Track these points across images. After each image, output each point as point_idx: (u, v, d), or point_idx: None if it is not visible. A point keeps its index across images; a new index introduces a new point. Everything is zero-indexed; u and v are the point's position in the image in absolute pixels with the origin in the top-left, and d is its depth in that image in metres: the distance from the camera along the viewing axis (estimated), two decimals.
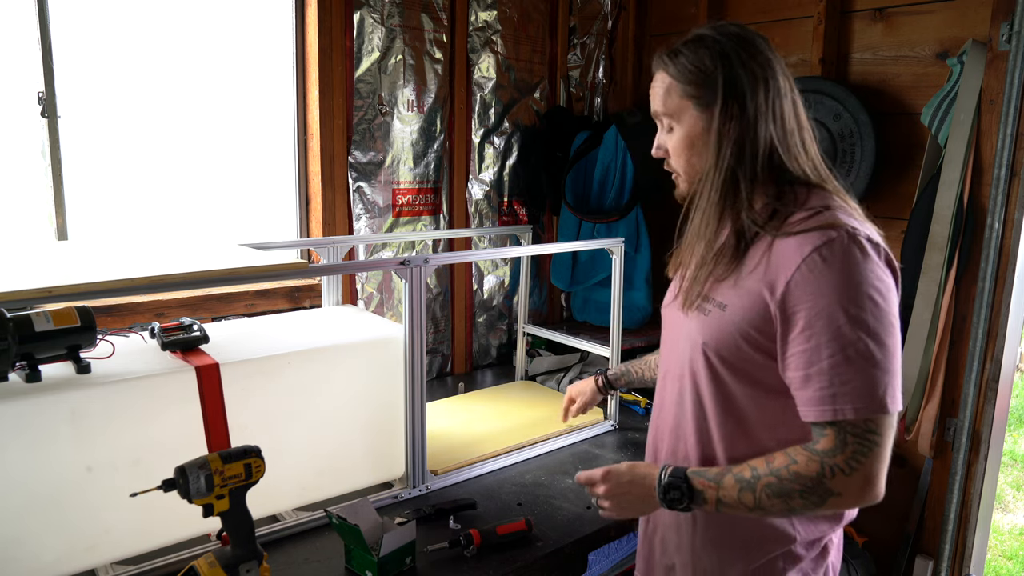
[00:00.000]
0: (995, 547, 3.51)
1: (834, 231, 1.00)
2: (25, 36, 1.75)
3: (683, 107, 1.12)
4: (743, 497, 1.04)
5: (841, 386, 0.97)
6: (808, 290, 0.99)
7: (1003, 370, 2.05)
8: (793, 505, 1.02)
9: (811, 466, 1.00)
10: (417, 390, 1.62)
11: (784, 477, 1.01)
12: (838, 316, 0.97)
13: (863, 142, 2.19)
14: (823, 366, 0.98)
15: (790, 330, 1.01)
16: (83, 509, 1.27)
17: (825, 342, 0.98)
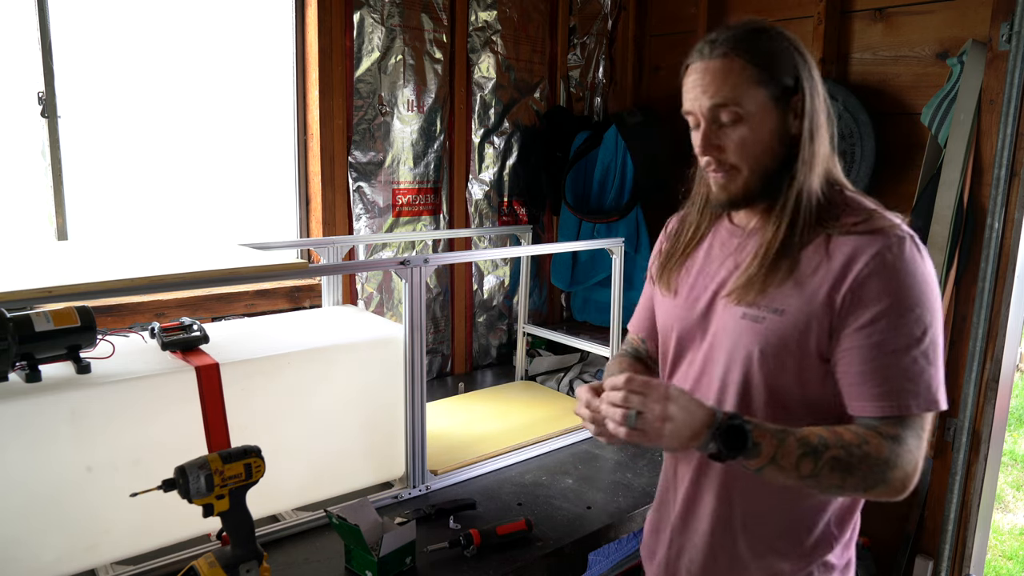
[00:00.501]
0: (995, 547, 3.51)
1: (897, 232, 1.01)
2: (25, 36, 1.75)
3: (756, 95, 1.02)
4: (802, 464, 0.96)
5: (906, 383, 0.98)
6: (875, 288, 0.99)
7: (1003, 370, 2.05)
8: (847, 483, 0.98)
9: (882, 450, 0.97)
10: (417, 390, 1.62)
11: (855, 455, 0.97)
12: (904, 315, 0.98)
13: (863, 142, 2.19)
14: (887, 362, 0.98)
15: (851, 325, 1.00)
16: (83, 509, 1.27)
17: (891, 339, 0.98)
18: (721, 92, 1.02)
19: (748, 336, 1.07)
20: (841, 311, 1.01)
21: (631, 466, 1.84)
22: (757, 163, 1.05)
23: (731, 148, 1.05)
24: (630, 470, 1.82)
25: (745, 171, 1.06)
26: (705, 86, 1.03)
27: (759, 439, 0.96)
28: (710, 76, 1.03)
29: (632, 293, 2.70)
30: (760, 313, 1.06)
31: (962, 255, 2.04)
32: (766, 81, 1.02)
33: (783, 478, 0.98)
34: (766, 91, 1.03)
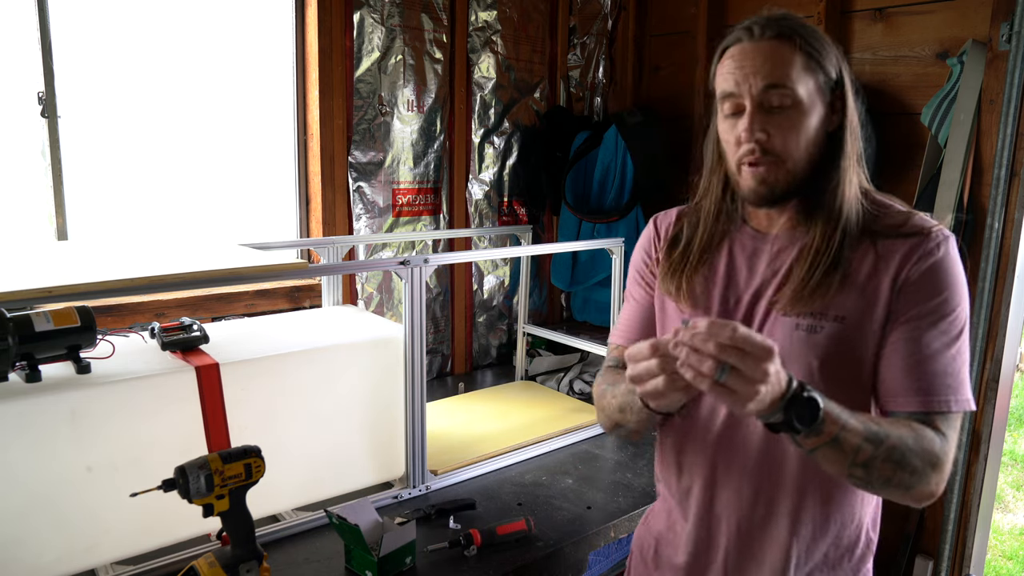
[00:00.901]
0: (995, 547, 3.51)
1: (942, 232, 1.01)
2: (25, 36, 1.75)
3: (805, 83, 0.98)
4: (862, 448, 0.90)
5: (948, 379, 0.97)
6: (927, 283, 0.98)
7: (1003, 370, 2.05)
8: (896, 476, 0.93)
9: (934, 445, 0.95)
10: (417, 390, 1.62)
11: (912, 448, 0.93)
12: (949, 313, 0.98)
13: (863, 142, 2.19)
14: (933, 358, 0.97)
15: (899, 318, 0.99)
16: (83, 509, 1.27)
17: (937, 335, 0.97)
18: (775, 73, 0.97)
19: (804, 348, 1.01)
20: (893, 306, 0.99)
21: (631, 466, 1.84)
22: (802, 154, 1.01)
23: (778, 135, 0.99)
24: (630, 470, 1.82)
25: (789, 162, 1.00)
26: (757, 66, 0.98)
27: (827, 414, 0.89)
28: (762, 57, 0.98)
29: None
30: (817, 323, 1.00)
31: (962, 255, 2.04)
32: (815, 69, 0.99)
33: (834, 463, 0.92)
34: (814, 80, 0.99)
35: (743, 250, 1.10)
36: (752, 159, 1.00)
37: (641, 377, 0.90)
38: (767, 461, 1.06)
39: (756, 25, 0.99)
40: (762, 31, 0.99)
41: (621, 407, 1.07)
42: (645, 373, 0.89)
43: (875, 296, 1.00)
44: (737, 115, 1.01)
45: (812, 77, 0.99)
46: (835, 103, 1.03)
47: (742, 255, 1.10)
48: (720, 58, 1.03)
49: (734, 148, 1.03)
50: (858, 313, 1.00)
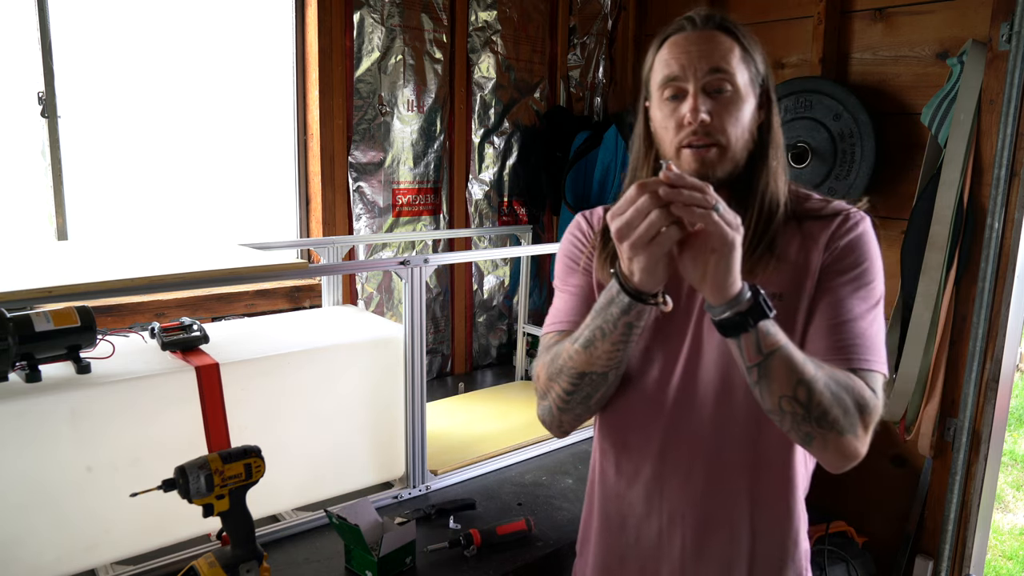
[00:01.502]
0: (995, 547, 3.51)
1: (861, 212, 1.08)
2: (25, 36, 1.75)
3: (743, 74, 1.03)
4: (805, 366, 0.92)
5: (869, 341, 1.01)
6: (852, 252, 1.04)
7: (1003, 370, 2.05)
8: (833, 414, 0.93)
9: (864, 392, 0.96)
10: (417, 390, 1.62)
11: (846, 384, 0.94)
12: (871, 282, 1.04)
13: (863, 142, 2.19)
14: (857, 319, 1.01)
15: (827, 282, 1.03)
16: (83, 509, 1.27)
17: (861, 301, 1.03)
18: (718, 59, 1.02)
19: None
20: (821, 277, 1.05)
21: None
22: (739, 140, 1.04)
23: (718, 118, 1.02)
24: None
25: (728, 146, 1.03)
26: (703, 52, 1.02)
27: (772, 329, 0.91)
28: (706, 43, 1.02)
29: None
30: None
31: (962, 255, 2.04)
32: (749, 63, 1.05)
33: (781, 379, 0.92)
34: (748, 72, 1.04)
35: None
36: (695, 139, 1.02)
37: (632, 222, 0.87)
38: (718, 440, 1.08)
39: (697, 16, 1.05)
40: (704, 22, 1.04)
41: (588, 341, 1.01)
42: (636, 215, 0.87)
43: (806, 271, 1.05)
44: (678, 99, 1.04)
45: (747, 69, 1.04)
46: (762, 99, 1.07)
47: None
48: (659, 47, 1.07)
49: (675, 131, 1.04)
50: (793, 288, 1.04)
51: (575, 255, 1.20)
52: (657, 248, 0.88)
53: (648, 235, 0.86)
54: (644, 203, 0.86)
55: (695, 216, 0.85)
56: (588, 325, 1.02)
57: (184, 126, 2.04)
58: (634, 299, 0.94)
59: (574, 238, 1.21)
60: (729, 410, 1.07)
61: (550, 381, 1.09)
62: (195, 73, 2.04)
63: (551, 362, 1.09)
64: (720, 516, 1.09)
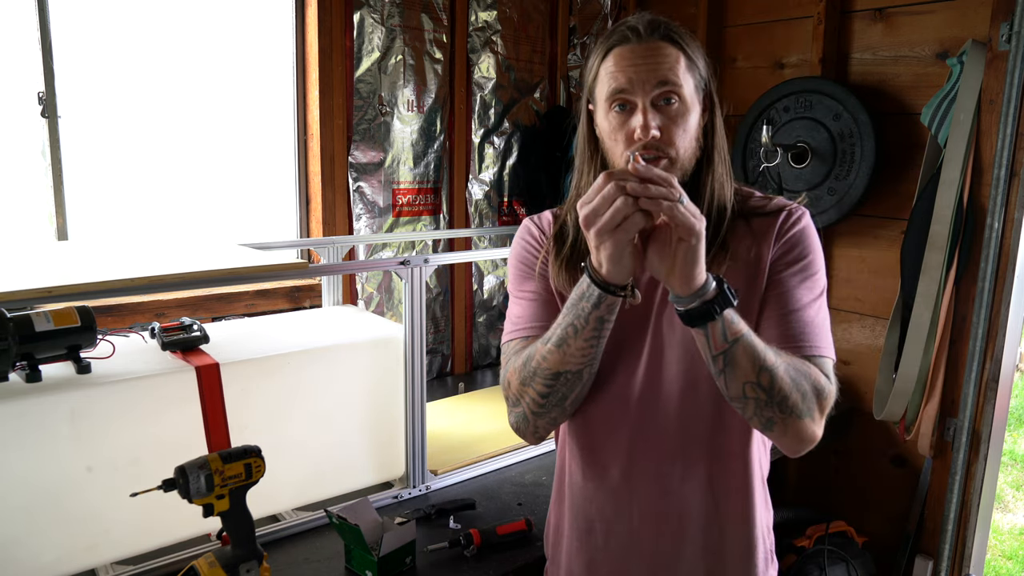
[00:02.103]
0: (995, 547, 3.51)
1: (801, 207, 1.12)
2: (25, 36, 1.75)
3: (688, 84, 1.03)
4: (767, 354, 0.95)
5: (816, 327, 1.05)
6: (797, 246, 1.08)
7: (1003, 370, 2.05)
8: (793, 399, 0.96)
9: (819, 377, 1.01)
10: (417, 390, 1.62)
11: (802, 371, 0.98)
12: (815, 273, 1.08)
13: (863, 142, 2.19)
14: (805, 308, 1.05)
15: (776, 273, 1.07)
16: (83, 509, 1.27)
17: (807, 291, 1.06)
18: (665, 72, 1.01)
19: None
20: (770, 268, 1.08)
21: None
22: (687, 150, 1.05)
23: (667, 131, 1.02)
24: None
25: (678, 158, 1.03)
26: (650, 66, 1.01)
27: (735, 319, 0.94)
28: (653, 56, 1.02)
29: None
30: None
31: (962, 255, 2.04)
32: (693, 70, 1.05)
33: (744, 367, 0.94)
34: (693, 80, 1.05)
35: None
36: (645, 153, 1.01)
37: (598, 209, 0.89)
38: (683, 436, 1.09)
39: (640, 26, 1.03)
40: (648, 32, 1.03)
41: (560, 339, 1.01)
42: (603, 202, 0.88)
43: (758, 268, 1.08)
44: (625, 110, 1.03)
45: (692, 77, 1.05)
46: (706, 102, 1.09)
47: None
48: (604, 57, 1.05)
49: (625, 144, 1.04)
50: (747, 285, 1.07)
51: (529, 260, 1.19)
52: (623, 234, 0.89)
53: (614, 222, 0.88)
54: (610, 190, 0.88)
55: (662, 208, 0.87)
56: (559, 324, 1.03)
57: (184, 126, 2.04)
58: (604, 291, 0.96)
59: (526, 243, 1.20)
60: (694, 405, 1.09)
61: (523, 386, 1.08)
62: (195, 73, 2.04)
63: (523, 366, 1.08)
64: (688, 512, 1.11)
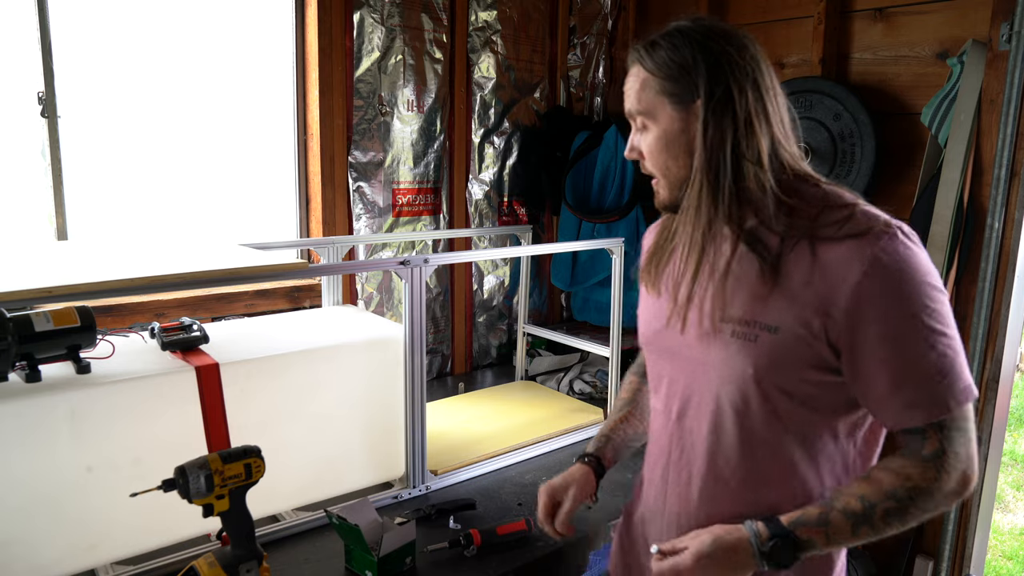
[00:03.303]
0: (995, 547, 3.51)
1: (886, 228, 0.95)
2: (25, 36, 1.75)
3: (658, 104, 1.03)
4: (859, 532, 0.95)
5: (936, 385, 0.93)
6: (880, 296, 0.93)
7: (1003, 370, 2.05)
8: (910, 520, 0.96)
9: (928, 475, 0.94)
10: (417, 390, 1.62)
11: (903, 497, 0.94)
12: (917, 316, 0.93)
13: (863, 142, 2.19)
14: (914, 370, 0.93)
15: (864, 338, 0.94)
16: (83, 509, 1.27)
17: (911, 345, 0.93)
18: (630, 100, 1.06)
19: (740, 356, 1.00)
20: (847, 329, 0.95)
21: (631, 466, 1.84)
22: (668, 170, 1.05)
23: (647, 155, 1.07)
24: (630, 470, 1.82)
25: (664, 176, 1.06)
26: (626, 92, 1.07)
27: (807, 536, 0.95)
28: (628, 82, 1.07)
29: (632, 293, 2.70)
30: (751, 331, 0.99)
31: (962, 255, 2.04)
32: (667, 91, 1.02)
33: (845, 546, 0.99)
34: (668, 100, 1.02)
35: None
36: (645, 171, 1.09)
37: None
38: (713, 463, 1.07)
39: (632, 50, 1.07)
40: (632, 57, 1.07)
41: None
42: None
43: (810, 306, 0.96)
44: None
45: (664, 98, 1.02)
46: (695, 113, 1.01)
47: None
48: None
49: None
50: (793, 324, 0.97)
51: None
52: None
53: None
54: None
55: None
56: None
57: (184, 126, 2.04)
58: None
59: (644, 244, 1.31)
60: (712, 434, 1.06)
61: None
62: (195, 73, 2.04)
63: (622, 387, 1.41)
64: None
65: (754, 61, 1.01)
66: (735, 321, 1.00)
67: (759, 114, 1.00)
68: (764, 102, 1.01)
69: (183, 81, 2.02)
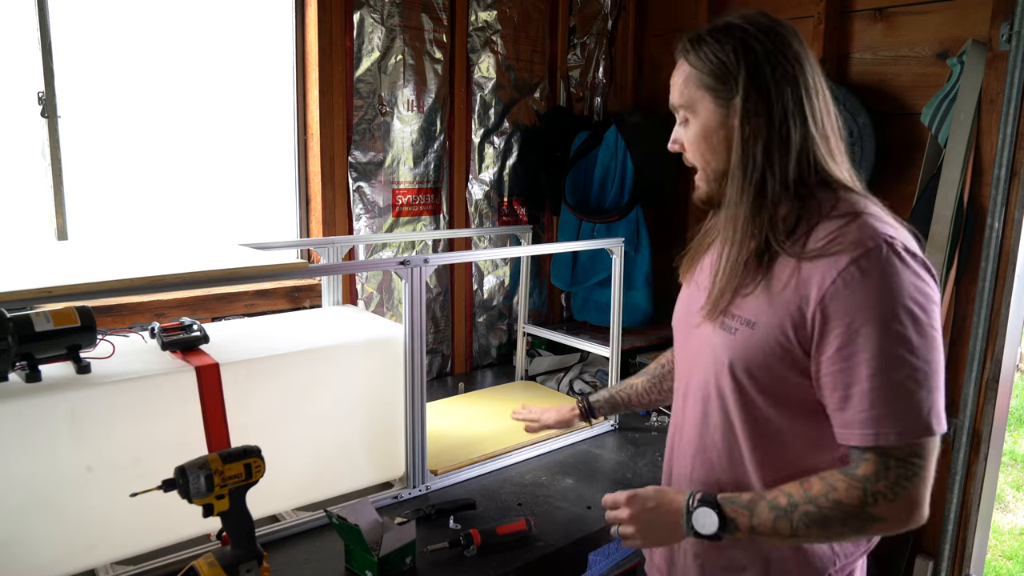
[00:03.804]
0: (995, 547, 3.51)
1: (871, 241, 0.94)
2: (25, 36, 1.75)
3: (699, 98, 1.06)
4: (779, 526, 0.98)
5: (883, 407, 0.91)
6: (845, 304, 0.92)
7: (1003, 370, 2.05)
8: (832, 533, 0.98)
9: (852, 493, 0.94)
10: (417, 390, 1.62)
11: (823, 505, 0.96)
12: (879, 332, 0.91)
13: (863, 142, 2.19)
14: (864, 387, 0.92)
15: (826, 347, 0.95)
16: (83, 509, 1.27)
17: (865, 360, 0.91)
18: (674, 93, 1.10)
19: (723, 346, 1.06)
20: (813, 332, 0.96)
21: (631, 466, 1.84)
22: (706, 164, 1.09)
23: (688, 147, 1.11)
24: (630, 470, 1.82)
25: (704, 169, 1.10)
26: (671, 85, 1.11)
27: (732, 514, 1.02)
28: (673, 77, 1.11)
29: (633, 293, 2.71)
30: (734, 324, 1.05)
31: (962, 255, 2.04)
32: (708, 86, 1.05)
33: (775, 542, 1.03)
34: (709, 95, 1.05)
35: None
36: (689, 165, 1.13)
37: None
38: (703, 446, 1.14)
39: (679, 45, 1.10)
40: (679, 52, 1.09)
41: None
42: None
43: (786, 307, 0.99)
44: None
45: (710, 92, 1.04)
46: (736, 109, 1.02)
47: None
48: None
49: None
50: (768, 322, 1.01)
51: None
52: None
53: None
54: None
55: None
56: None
57: (184, 126, 2.04)
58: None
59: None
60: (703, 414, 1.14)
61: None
62: (195, 73, 2.04)
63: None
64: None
65: (796, 59, 1.02)
66: (724, 314, 1.07)
67: (796, 114, 1.01)
68: (803, 101, 1.01)
69: (183, 81, 2.02)
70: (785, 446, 1.05)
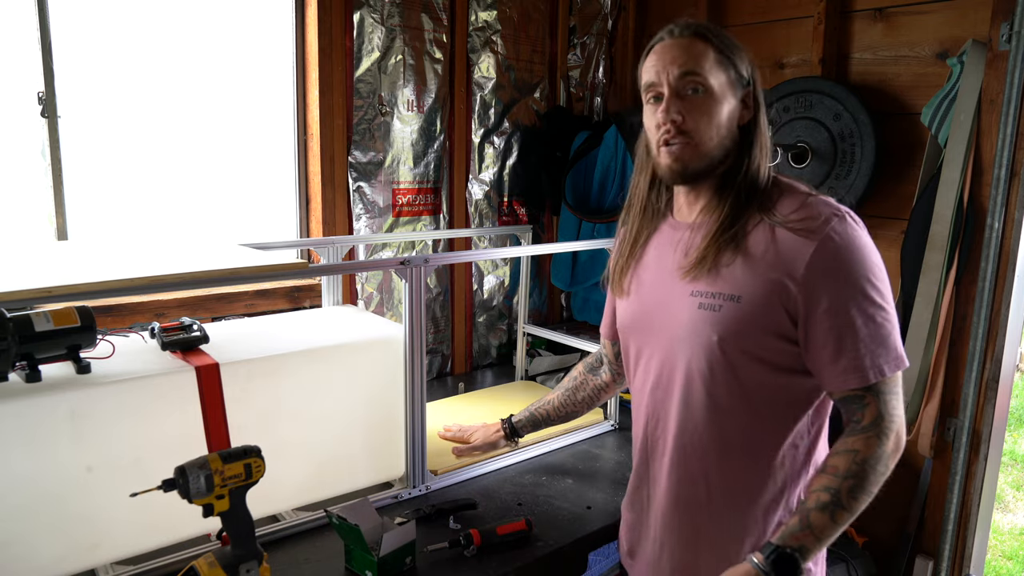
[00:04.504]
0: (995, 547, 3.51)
1: (835, 214, 1.08)
2: (25, 36, 1.75)
3: (715, 74, 1.12)
4: (838, 518, 1.05)
5: (874, 349, 1.05)
6: (830, 272, 1.06)
7: (1003, 370, 2.05)
8: (873, 490, 1.06)
9: (871, 443, 1.06)
10: (417, 390, 1.62)
11: (858, 472, 1.05)
12: (860, 291, 1.06)
13: (863, 142, 2.19)
14: (855, 338, 1.05)
15: (815, 310, 1.06)
16: (83, 509, 1.27)
17: (854, 315, 1.05)
18: (688, 63, 1.11)
19: (706, 325, 1.12)
20: (801, 300, 1.07)
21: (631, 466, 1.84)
22: (713, 137, 1.13)
23: (690, 117, 1.12)
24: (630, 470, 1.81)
25: (700, 142, 1.12)
26: (674, 57, 1.12)
27: (798, 543, 1.05)
28: (679, 49, 1.12)
29: None
30: (716, 301, 1.12)
31: (962, 255, 2.04)
32: (727, 66, 1.13)
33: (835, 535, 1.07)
34: (726, 75, 1.13)
35: (667, 241, 1.23)
36: (667, 137, 1.13)
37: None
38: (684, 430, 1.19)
39: (677, 26, 1.14)
40: (681, 31, 1.13)
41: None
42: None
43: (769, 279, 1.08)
44: (657, 102, 1.14)
45: (723, 72, 1.12)
46: (747, 100, 1.16)
47: (667, 246, 1.22)
48: (645, 56, 1.17)
49: (655, 132, 1.15)
50: (753, 293, 1.09)
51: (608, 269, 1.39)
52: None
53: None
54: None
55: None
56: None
57: (184, 126, 2.04)
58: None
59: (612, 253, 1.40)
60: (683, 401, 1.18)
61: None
62: (195, 73, 2.04)
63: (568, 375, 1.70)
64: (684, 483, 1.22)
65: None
66: (702, 294, 1.12)
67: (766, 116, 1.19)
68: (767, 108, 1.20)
69: (183, 81, 2.02)
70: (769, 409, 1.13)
